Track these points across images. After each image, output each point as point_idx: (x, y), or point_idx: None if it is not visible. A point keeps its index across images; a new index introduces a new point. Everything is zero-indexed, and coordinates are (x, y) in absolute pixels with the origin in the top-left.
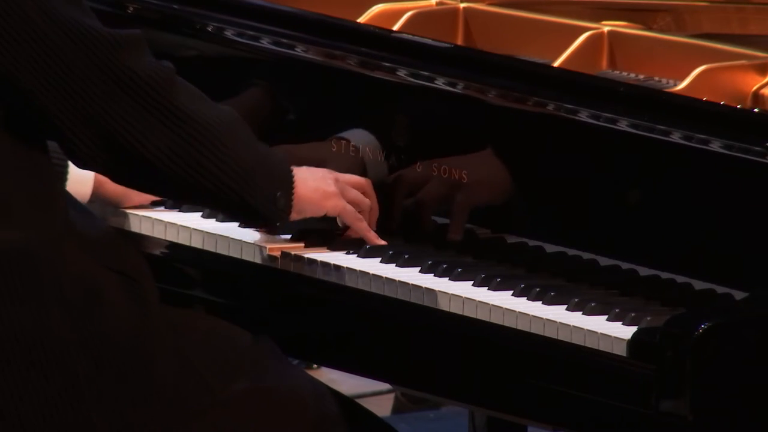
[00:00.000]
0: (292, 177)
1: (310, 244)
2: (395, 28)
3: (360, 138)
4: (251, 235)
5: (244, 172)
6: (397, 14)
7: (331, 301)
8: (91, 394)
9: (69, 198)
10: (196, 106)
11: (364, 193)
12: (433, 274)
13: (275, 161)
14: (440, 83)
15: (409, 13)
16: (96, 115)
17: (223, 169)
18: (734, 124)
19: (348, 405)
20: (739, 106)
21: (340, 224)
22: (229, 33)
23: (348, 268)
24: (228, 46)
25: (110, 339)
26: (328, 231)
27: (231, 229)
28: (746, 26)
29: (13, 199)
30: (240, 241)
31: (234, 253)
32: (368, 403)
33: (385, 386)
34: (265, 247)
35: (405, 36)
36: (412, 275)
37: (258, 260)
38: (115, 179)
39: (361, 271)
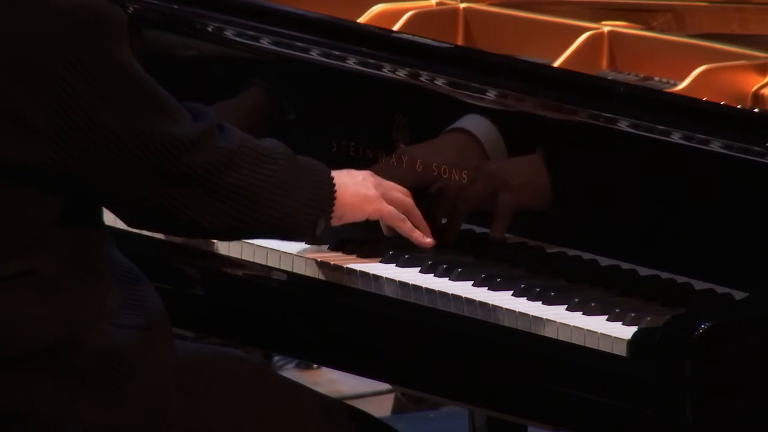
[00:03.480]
0: (333, 195)
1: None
2: (395, 28)
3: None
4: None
5: (289, 216)
6: (397, 14)
7: (333, 302)
8: None
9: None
10: (252, 175)
11: (404, 202)
12: (433, 274)
13: (317, 186)
14: (440, 83)
15: (409, 13)
16: (159, 204)
17: (272, 222)
18: (734, 124)
19: (359, 418)
20: (739, 106)
21: (384, 231)
22: (229, 33)
23: (348, 269)
24: (228, 46)
25: (130, 412)
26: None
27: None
28: (746, 26)
29: (62, 277)
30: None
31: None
32: (368, 403)
33: (385, 386)
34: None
35: (405, 36)
36: (412, 275)
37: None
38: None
39: (361, 272)
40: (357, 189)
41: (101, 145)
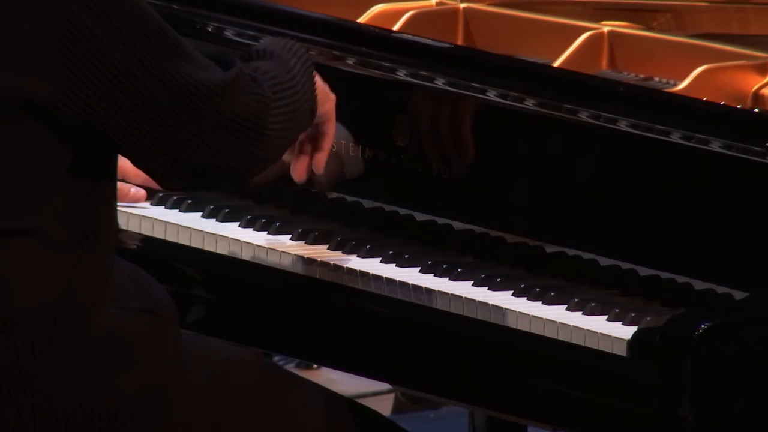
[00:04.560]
0: (314, 78)
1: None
2: (395, 28)
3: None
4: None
5: (305, 122)
6: (397, 14)
7: (333, 302)
8: None
9: None
10: (287, 114)
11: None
12: (433, 274)
13: (308, 72)
14: (440, 83)
15: (409, 13)
16: (194, 159)
17: (296, 130)
18: (734, 124)
19: (363, 413)
20: (739, 106)
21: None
22: (229, 33)
23: (348, 268)
24: (228, 46)
25: (132, 391)
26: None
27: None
28: (746, 26)
29: (67, 244)
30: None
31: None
32: (368, 403)
33: (385, 386)
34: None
35: (405, 36)
36: (412, 275)
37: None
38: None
39: (361, 271)
40: (321, 84)
41: (111, 78)
